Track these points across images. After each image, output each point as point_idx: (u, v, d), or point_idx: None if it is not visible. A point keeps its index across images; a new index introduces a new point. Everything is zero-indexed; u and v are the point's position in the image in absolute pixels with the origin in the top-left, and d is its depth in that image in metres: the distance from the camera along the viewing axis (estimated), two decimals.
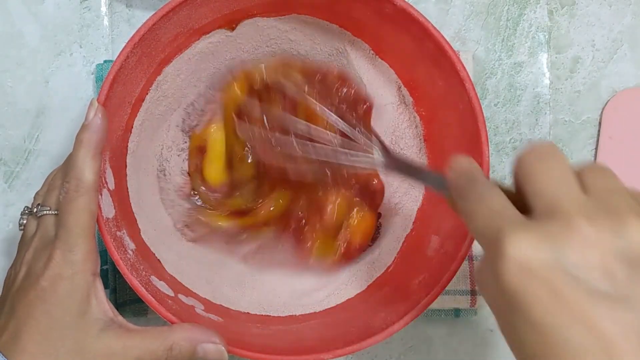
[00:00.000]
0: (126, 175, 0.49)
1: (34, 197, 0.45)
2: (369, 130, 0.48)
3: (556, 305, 0.28)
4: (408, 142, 0.52)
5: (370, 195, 0.52)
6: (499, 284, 0.30)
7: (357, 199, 0.51)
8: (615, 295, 0.28)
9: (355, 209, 0.51)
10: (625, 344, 0.27)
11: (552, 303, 0.28)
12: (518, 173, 0.33)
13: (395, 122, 0.53)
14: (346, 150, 0.47)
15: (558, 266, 0.29)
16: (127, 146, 0.49)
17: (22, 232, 0.44)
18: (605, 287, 0.28)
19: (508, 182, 0.57)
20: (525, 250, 0.29)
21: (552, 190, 0.31)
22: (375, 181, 0.53)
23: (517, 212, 0.32)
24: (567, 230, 0.29)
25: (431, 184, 0.41)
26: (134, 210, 0.49)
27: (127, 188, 0.49)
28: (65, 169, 0.41)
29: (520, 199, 0.33)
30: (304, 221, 0.50)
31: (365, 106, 0.49)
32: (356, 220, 0.52)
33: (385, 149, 0.45)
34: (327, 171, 0.48)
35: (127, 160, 0.49)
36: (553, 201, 0.31)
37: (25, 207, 0.44)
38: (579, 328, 0.28)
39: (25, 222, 0.44)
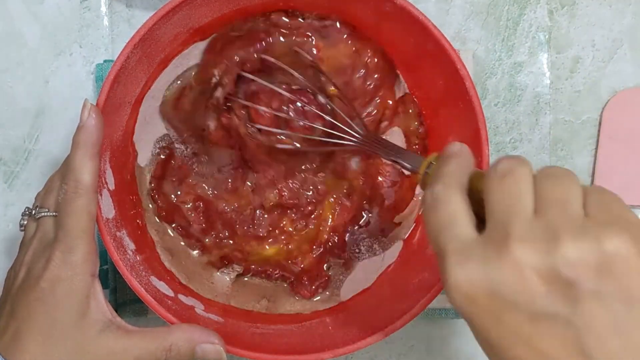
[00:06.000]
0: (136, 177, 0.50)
1: (35, 198, 0.45)
2: (353, 110, 0.48)
3: (500, 329, 0.30)
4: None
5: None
6: (451, 302, 0.31)
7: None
8: (554, 314, 0.29)
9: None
10: (567, 359, 0.29)
11: (496, 328, 0.30)
12: (484, 185, 0.33)
13: None
14: (328, 130, 0.48)
15: (496, 293, 0.30)
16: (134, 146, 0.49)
17: (22, 233, 0.44)
18: (545, 307, 0.29)
19: None
20: (464, 278, 0.31)
21: (502, 209, 0.31)
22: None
23: (467, 227, 0.32)
24: (501, 255, 0.30)
25: (408, 164, 0.41)
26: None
27: (138, 190, 0.50)
28: (64, 171, 0.41)
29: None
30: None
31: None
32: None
33: (365, 129, 0.46)
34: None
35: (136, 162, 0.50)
36: (500, 221, 0.31)
37: (26, 207, 0.44)
38: (523, 349, 0.30)
39: (25, 223, 0.44)
